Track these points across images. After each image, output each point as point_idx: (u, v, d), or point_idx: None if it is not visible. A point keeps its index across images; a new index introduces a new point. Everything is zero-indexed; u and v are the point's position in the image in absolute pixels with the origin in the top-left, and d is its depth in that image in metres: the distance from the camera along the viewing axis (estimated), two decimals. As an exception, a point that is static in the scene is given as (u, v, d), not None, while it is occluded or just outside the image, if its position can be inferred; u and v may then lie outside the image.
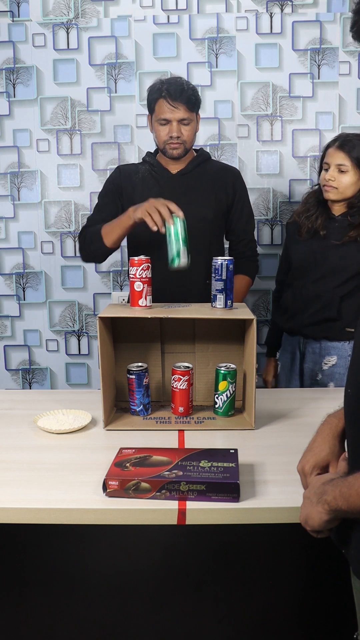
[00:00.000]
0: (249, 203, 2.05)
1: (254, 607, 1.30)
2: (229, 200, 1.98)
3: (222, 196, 1.96)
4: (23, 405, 1.69)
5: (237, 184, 2.00)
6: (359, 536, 0.87)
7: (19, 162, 2.62)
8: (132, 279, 1.54)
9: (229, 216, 2.01)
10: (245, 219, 2.03)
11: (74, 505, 1.13)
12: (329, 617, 1.28)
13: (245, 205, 2.02)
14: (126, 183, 1.96)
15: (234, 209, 2.00)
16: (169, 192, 1.88)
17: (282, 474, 1.23)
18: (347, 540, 0.89)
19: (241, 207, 2.01)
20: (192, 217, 1.82)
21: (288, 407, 1.63)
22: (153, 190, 1.90)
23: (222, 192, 1.97)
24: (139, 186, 1.94)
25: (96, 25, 2.52)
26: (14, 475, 1.25)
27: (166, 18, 2.52)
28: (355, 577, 0.89)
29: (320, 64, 2.52)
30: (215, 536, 1.24)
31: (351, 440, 0.93)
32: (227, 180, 1.98)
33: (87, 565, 1.29)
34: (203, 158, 1.98)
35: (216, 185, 1.96)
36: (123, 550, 1.28)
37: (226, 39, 2.52)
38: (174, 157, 1.91)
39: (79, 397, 1.79)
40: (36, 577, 1.29)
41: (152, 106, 1.89)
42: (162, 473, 1.14)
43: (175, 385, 1.53)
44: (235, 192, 1.99)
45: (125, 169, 2.01)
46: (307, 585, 1.28)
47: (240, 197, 2.00)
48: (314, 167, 2.59)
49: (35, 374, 2.79)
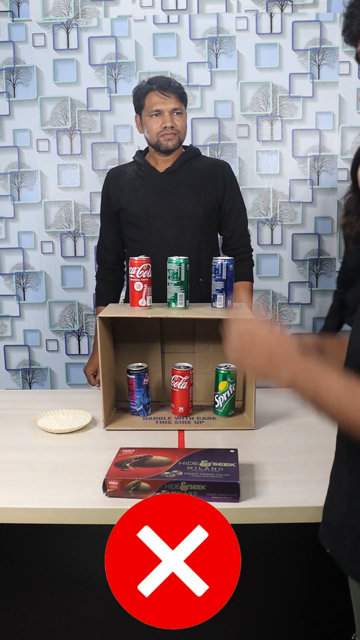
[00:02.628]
0: (241, 198, 1.99)
1: (254, 607, 1.29)
2: (219, 195, 1.93)
3: (211, 191, 1.91)
4: (23, 405, 1.69)
5: (227, 177, 1.94)
6: (352, 537, 0.86)
7: (19, 162, 2.62)
8: (132, 279, 1.54)
9: (220, 211, 1.96)
10: (237, 213, 1.97)
11: (74, 505, 1.13)
12: (329, 617, 1.28)
13: (236, 200, 1.97)
14: (114, 188, 1.94)
15: (224, 203, 1.95)
16: (157, 191, 1.88)
17: (282, 474, 1.23)
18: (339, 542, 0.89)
19: (232, 201, 1.95)
20: (181, 215, 1.81)
21: (288, 407, 1.63)
22: (139, 191, 1.89)
23: (212, 188, 1.91)
24: (126, 187, 1.92)
25: (96, 25, 2.52)
26: (14, 475, 1.25)
27: (166, 18, 2.52)
28: (352, 578, 0.89)
29: (320, 64, 2.52)
30: (215, 536, 1.24)
31: (340, 438, 0.92)
32: (216, 175, 1.92)
33: (87, 565, 1.29)
34: (191, 154, 1.93)
35: (205, 181, 1.91)
36: (123, 550, 1.28)
37: (226, 39, 2.52)
38: (169, 148, 1.85)
39: (79, 397, 1.79)
40: (36, 577, 1.29)
41: (141, 102, 1.87)
42: (162, 473, 1.14)
43: (175, 385, 1.53)
44: (226, 186, 1.93)
45: (113, 173, 1.98)
46: (307, 585, 1.28)
47: (231, 191, 1.95)
48: (314, 167, 2.58)
49: (35, 374, 2.78)
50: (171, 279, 1.54)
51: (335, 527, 0.90)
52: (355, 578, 0.88)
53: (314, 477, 1.19)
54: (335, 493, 0.92)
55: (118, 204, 1.92)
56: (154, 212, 1.88)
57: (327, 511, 0.95)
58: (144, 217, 1.89)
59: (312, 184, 2.60)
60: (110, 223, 1.98)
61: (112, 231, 1.98)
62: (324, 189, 2.60)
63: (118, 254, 2.01)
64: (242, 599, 1.29)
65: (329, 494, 0.95)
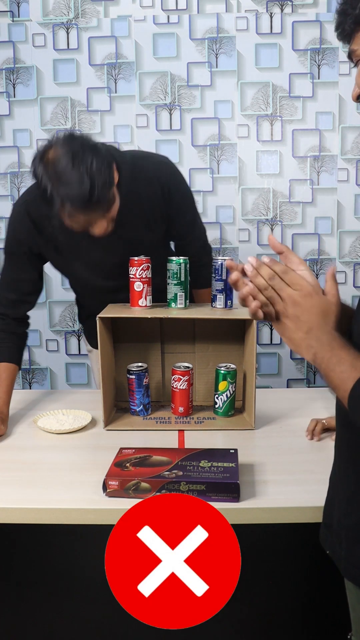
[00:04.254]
0: (190, 203, 1.66)
1: (254, 607, 1.29)
2: (167, 216, 1.60)
3: (157, 216, 1.58)
4: (23, 405, 1.69)
5: (172, 191, 1.57)
6: (348, 539, 0.86)
7: (19, 162, 2.62)
8: (132, 279, 1.54)
9: (173, 230, 1.66)
10: (191, 226, 1.68)
11: (73, 505, 1.13)
12: (329, 617, 1.28)
13: (187, 212, 1.65)
14: (37, 238, 1.55)
15: (175, 222, 1.63)
16: (100, 246, 1.51)
17: (282, 474, 1.23)
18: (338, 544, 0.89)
19: (182, 216, 1.64)
20: (128, 246, 1.54)
21: (288, 407, 1.63)
22: (77, 248, 1.55)
23: (157, 213, 1.58)
24: (54, 240, 1.53)
25: (96, 25, 2.52)
26: (14, 475, 1.25)
27: (166, 18, 2.52)
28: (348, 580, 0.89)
29: (320, 63, 2.52)
30: (215, 536, 1.24)
31: (339, 440, 0.92)
32: (156, 196, 1.55)
33: (88, 565, 1.28)
34: (127, 179, 1.49)
35: (146, 206, 1.55)
36: (123, 550, 1.28)
37: (226, 39, 2.52)
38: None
39: (79, 397, 1.79)
40: (36, 577, 1.29)
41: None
42: (162, 473, 1.14)
43: (175, 385, 1.53)
44: (172, 204, 1.58)
45: (33, 212, 1.51)
46: (307, 585, 1.28)
47: (179, 207, 1.61)
48: (314, 167, 2.59)
49: (36, 374, 2.78)
50: (171, 279, 1.54)
51: (334, 529, 0.90)
52: (351, 579, 0.88)
53: (314, 477, 1.19)
54: (334, 495, 0.92)
55: (47, 254, 1.60)
56: (95, 261, 1.58)
57: (326, 513, 0.95)
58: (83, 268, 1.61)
59: (312, 184, 2.60)
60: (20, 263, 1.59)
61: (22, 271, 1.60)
62: (324, 189, 2.60)
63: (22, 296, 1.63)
64: (242, 599, 1.30)
65: (329, 495, 0.95)
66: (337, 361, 0.79)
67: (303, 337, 0.84)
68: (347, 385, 0.77)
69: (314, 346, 0.83)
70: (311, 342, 0.83)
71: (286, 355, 2.76)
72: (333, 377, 0.80)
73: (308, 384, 2.78)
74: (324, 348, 0.82)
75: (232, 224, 2.64)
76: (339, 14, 0.85)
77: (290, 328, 0.85)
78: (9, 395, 1.56)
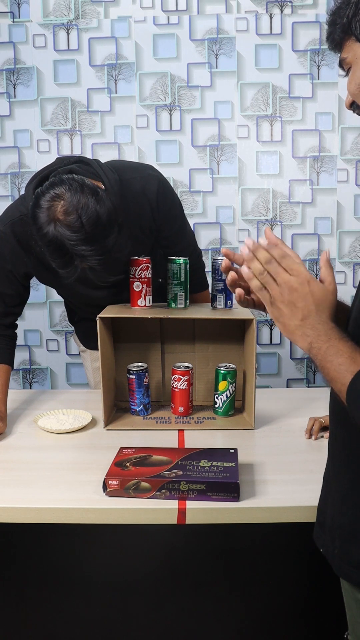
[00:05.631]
0: (179, 212, 1.65)
1: (254, 607, 1.29)
2: (153, 229, 1.61)
3: (146, 230, 1.59)
4: (23, 405, 1.69)
5: (156, 207, 1.56)
6: (342, 537, 0.87)
7: (19, 162, 2.62)
8: (131, 279, 1.54)
9: (164, 240, 1.66)
10: (180, 236, 1.67)
11: (74, 505, 1.13)
12: (329, 616, 1.28)
13: (175, 223, 1.64)
14: (27, 258, 1.54)
15: (165, 234, 1.64)
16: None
17: (282, 474, 1.23)
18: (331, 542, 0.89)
19: (169, 227, 1.63)
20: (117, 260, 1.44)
21: (288, 406, 1.64)
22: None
23: (146, 227, 1.58)
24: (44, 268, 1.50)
25: (96, 26, 2.53)
26: (14, 475, 1.25)
27: (166, 19, 2.52)
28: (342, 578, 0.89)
29: (319, 64, 2.52)
30: (215, 536, 1.25)
31: (333, 438, 0.92)
32: (144, 212, 1.55)
33: (87, 565, 1.29)
34: (115, 197, 1.42)
35: (135, 222, 1.54)
36: (123, 550, 1.28)
37: (226, 40, 2.52)
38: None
39: (79, 397, 1.79)
40: (36, 577, 1.29)
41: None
42: (162, 473, 1.14)
43: (175, 385, 1.54)
44: (160, 218, 1.58)
45: (20, 235, 1.51)
46: (307, 584, 1.28)
47: (165, 218, 1.60)
48: (313, 168, 2.59)
49: (36, 373, 2.79)
50: (171, 279, 1.54)
51: (327, 527, 0.91)
52: (345, 578, 0.88)
53: (314, 477, 1.19)
54: (328, 493, 0.92)
55: (33, 270, 1.59)
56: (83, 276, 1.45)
57: (320, 511, 0.95)
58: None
59: (312, 185, 2.60)
60: (6, 279, 1.59)
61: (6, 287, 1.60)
62: (324, 189, 2.61)
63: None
64: (242, 599, 1.30)
65: (322, 494, 0.96)
66: (335, 352, 0.77)
67: (298, 324, 0.82)
68: (345, 379, 0.75)
69: (310, 335, 0.81)
70: (306, 331, 0.81)
71: (286, 355, 2.76)
72: (330, 368, 0.78)
73: (308, 384, 2.78)
74: (321, 338, 0.80)
75: (232, 224, 2.64)
76: (329, 25, 0.86)
77: (286, 314, 0.83)
78: (5, 395, 1.59)
